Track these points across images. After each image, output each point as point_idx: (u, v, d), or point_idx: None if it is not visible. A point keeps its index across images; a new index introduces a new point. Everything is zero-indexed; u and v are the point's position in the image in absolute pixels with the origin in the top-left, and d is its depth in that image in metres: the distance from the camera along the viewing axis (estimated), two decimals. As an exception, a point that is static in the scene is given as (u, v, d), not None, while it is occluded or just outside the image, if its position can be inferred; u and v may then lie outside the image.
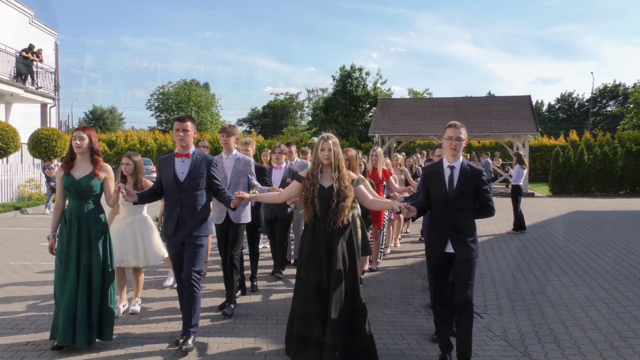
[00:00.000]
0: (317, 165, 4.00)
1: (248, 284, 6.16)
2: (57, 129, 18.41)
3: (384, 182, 7.40)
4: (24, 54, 19.46)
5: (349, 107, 41.28)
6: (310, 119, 53.61)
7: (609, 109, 54.74)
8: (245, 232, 5.71)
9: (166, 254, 5.28)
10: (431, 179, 4.05)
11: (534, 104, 29.40)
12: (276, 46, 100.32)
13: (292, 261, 7.60)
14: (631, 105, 39.04)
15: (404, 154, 9.99)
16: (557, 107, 60.02)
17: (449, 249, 3.88)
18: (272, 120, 57.84)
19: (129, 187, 4.48)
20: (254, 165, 5.59)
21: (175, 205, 4.26)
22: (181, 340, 4.19)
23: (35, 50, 19.97)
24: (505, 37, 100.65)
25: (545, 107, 60.92)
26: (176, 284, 5.11)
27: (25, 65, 19.45)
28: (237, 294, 5.54)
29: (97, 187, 4.29)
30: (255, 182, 5.43)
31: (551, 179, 23.25)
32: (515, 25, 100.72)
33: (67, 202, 4.37)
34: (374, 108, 33.05)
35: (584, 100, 57.02)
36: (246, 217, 5.43)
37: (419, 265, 7.73)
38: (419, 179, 8.25)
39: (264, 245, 8.68)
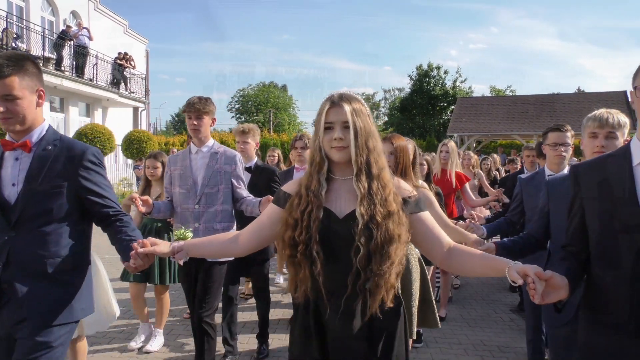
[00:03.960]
0: (319, 164, 1.71)
1: (248, 342, 4.28)
2: (147, 131, 19.73)
3: (457, 191, 5.29)
4: (118, 61, 20.95)
5: (426, 107, 40.52)
6: (386, 119, 53.18)
7: None
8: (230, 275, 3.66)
9: (117, 311, 3.24)
10: (589, 195, 1.75)
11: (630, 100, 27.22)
12: (350, 46, 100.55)
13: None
14: None
15: (478, 153, 8.78)
16: (657, 103, 55.22)
17: None
18: (348, 120, 58.03)
19: None
20: (242, 164, 3.39)
21: None
22: None
23: (128, 57, 21.46)
24: (595, 30, 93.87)
25: (643, 103, 56.27)
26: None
27: (119, 72, 20.93)
28: None
29: None
30: (244, 194, 3.27)
31: (650, 181, 21.40)
32: (604, 16, 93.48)
33: None
34: (452, 107, 32.21)
35: (690, 95, 51.95)
36: None
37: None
38: (496, 186, 6.52)
39: (275, 279, 6.38)
